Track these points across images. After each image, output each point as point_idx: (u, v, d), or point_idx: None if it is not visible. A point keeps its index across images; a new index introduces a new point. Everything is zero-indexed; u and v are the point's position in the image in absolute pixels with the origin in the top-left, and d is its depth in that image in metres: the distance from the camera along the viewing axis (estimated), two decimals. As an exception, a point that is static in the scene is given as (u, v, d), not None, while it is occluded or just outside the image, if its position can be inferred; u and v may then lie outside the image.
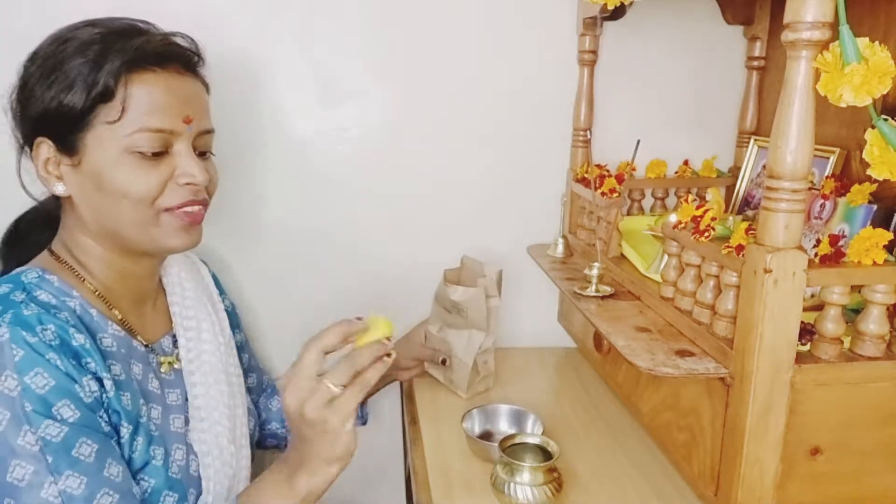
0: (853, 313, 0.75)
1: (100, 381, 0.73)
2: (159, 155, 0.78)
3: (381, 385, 1.19)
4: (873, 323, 0.70)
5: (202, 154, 0.84)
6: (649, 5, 1.14)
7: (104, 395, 0.73)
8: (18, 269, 0.79)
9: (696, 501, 0.85)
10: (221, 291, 1.06)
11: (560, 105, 1.22)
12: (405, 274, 1.26)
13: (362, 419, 1.22)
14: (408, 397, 1.16)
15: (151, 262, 0.87)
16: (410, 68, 1.20)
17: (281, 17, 1.15)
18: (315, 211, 1.23)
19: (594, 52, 1.17)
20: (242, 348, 1.08)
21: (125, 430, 0.75)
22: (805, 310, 0.67)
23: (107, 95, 0.75)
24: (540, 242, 1.25)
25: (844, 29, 0.60)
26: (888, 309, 0.70)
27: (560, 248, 1.17)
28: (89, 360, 0.73)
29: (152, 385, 0.82)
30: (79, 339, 0.73)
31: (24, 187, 0.84)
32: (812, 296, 0.78)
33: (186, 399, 0.87)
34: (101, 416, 0.72)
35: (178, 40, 0.82)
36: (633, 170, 1.13)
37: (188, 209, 0.80)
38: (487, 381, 1.15)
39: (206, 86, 0.87)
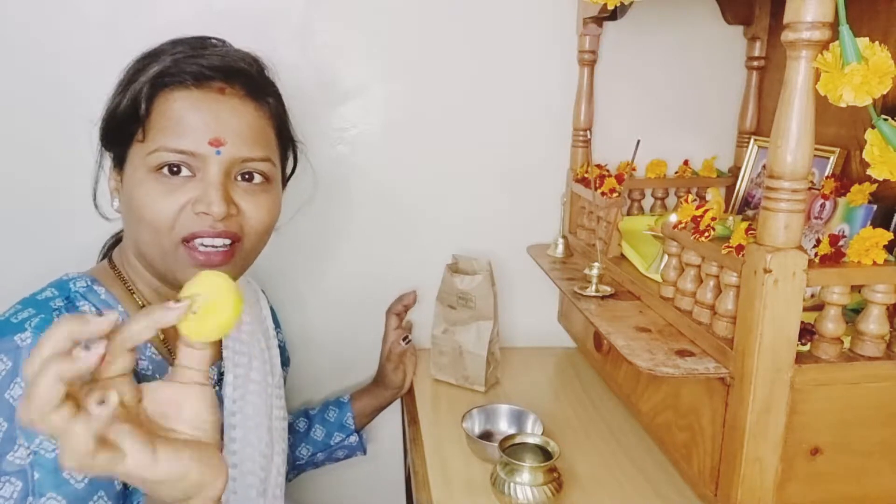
0: (853, 313, 0.75)
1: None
2: (185, 179, 0.72)
3: (384, 404, 1.18)
4: (873, 323, 0.70)
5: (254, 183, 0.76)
6: (649, 5, 1.14)
7: None
8: (72, 275, 0.76)
9: (696, 501, 0.85)
10: (277, 325, 1.01)
11: (560, 105, 1.22)
12: (404, 274, 1.26)
13: (362, 448, 1.17)
14: (408, 397, 1.16)
15: None
16: (410, 68, 1.20)
17: (281, 17, 1.15)
18: (313, 211, 1.23)
19: (594, 52, 1.17)
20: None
21: None
22: (805, 310, 0.67)
23: (135, 112, 0.72)
24: (540, 242, 1.25)
25: (844, 29, 0.60)
26: (888, 309, 0.70)
27: (560, 248, 1.17)
28: None
29: None
30: None
31: (94, 200, 0.85)
32: (812, 296, 0.78)
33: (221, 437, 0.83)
34: None
35: (232, 60, 0.76)
36: (633, 170, 1.13)
37: (203, 244, 0.72)
38: (496, 373, 1.16)
39: (271, 113, 0.80)
